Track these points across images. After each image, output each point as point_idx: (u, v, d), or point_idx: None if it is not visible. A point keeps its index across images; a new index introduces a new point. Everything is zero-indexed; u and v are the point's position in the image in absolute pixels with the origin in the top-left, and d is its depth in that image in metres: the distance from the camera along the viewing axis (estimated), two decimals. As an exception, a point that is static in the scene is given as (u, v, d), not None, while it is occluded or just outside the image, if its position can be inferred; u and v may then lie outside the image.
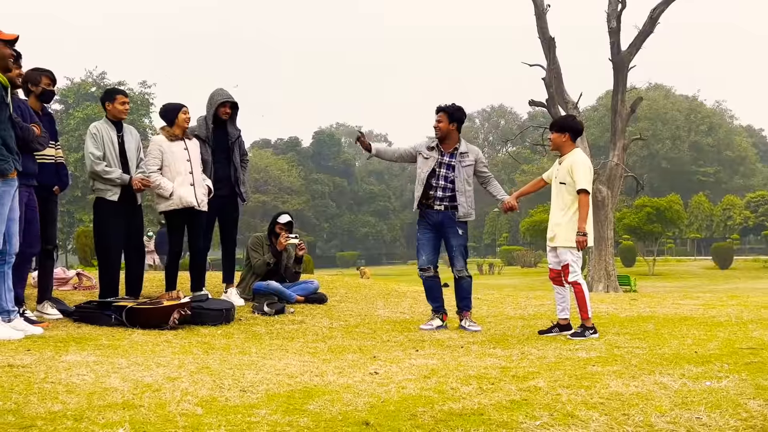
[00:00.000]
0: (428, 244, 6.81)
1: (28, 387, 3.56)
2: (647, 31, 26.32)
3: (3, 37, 5.18)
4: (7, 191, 5.13)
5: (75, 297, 7.69)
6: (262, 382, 3.93)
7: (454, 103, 6.78)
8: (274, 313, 7.28)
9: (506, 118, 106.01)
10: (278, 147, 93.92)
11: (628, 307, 8.66)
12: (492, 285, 29.03)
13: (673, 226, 52.47)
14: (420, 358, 4.96)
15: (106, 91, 7.19)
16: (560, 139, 6.35)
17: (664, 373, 4.13)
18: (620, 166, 27.04)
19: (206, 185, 7.37)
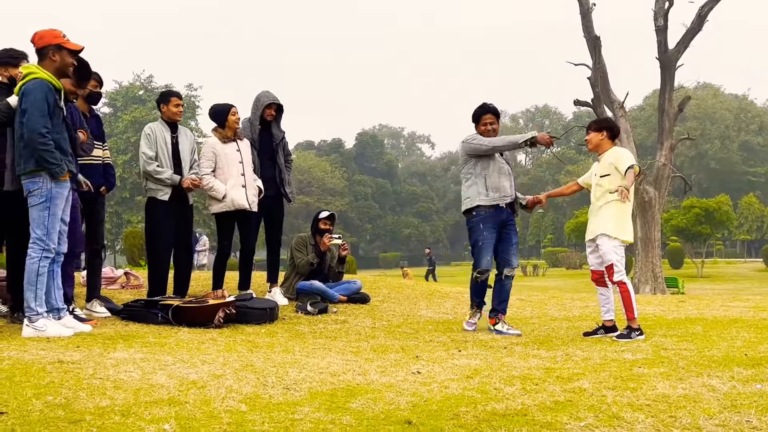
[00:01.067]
0: (492, 244, 6.56)
1: (77, 382, 3.63)
2: (695, 29, 25.82)
3: (71, 47, 5.34)
4: (60, 193, 5.25)
5: (123, 296, 7.83)
6: (305, 380, 3.95)
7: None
8: (317, 312, 7.32)
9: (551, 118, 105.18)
10: (321, 148, 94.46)
11: (676, 308, 8.51)
12: (536, 287, 28.77)
13: (722, 228, 51.38)
14: (463, 359, 4.94)
15: (161, 93, 7.33)
16: (597, 137, 6.30)
17: (712, 375, 4.05)
18: (668, 166, 26.57)
19: (257, 186, 7.45)
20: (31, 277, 5.15)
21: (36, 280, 5.14)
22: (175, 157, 7.00)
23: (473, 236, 6.58)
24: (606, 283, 6.27)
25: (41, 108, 5.08)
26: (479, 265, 6.53)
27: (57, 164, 5.15)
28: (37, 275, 5.14)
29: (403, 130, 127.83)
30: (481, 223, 6.51)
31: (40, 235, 5.14)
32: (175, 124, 7.12)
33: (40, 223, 5.15)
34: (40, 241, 5.14)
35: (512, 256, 6.70)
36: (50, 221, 5.17)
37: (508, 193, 6.56)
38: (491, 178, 6.54)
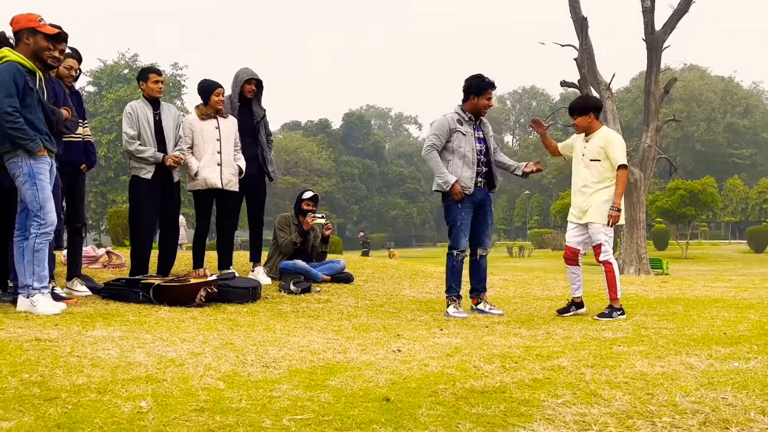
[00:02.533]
0: (469, 224, 6.46)
1: (54, 360, 3.60)
2: (682, 11, 25.82)
3: (46, 31, 5.27)
4: (42, 167, 5.22)
5: (104, 275, 7.78)
6: (284, 358, 3.94)
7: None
8: (300, 291, 7.30)
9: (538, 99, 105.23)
10: (308, 129, 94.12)
11: (658, 288, 8.56)
12: (521, 267, 28.91)
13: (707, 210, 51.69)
14: (444, 337, 4.95)
15: (140, 70, 7.23)
16: (585, 121, 6.21)
17: (691, 353, 4.07)
18: (653, 147, 26.66)
19: (236, 165, 7.37)
20: (28, 254, 5.20)
21: (33, 257, 5.20)
22: (159, 134, 6.93)
23: (450, 216, 6.49)
24: (578, 261, 6.32)
25: (7, 88, 5.05)
26: (458, 246, 6.45)
27: (29, 139, 5.12)
28: (33, 252, 5.19)
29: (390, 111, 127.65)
30: (459, 203, 6.40)
31: (36, 211, 5.16)
32: (157, 100, 7.03)
33: (32, 200, 5.16)
34: (37, 218, 5.17)
35: (486, 238, 6.65)
36: (41, 196, 5.17)
37: (467, 185, 6.36)
38: (451, 165, 6.40)
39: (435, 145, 6.42)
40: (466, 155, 6.38)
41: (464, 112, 6.48)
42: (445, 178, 6.34)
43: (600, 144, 6.12)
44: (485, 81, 6.43)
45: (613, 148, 6.10)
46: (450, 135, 6.40)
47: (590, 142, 6.19)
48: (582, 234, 6.27)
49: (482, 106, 6.43)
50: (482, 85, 6.40)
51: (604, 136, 6.19)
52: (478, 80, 6.44)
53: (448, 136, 6.40)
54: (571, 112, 6.29)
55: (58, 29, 5.40)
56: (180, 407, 2.93)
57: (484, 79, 6.44)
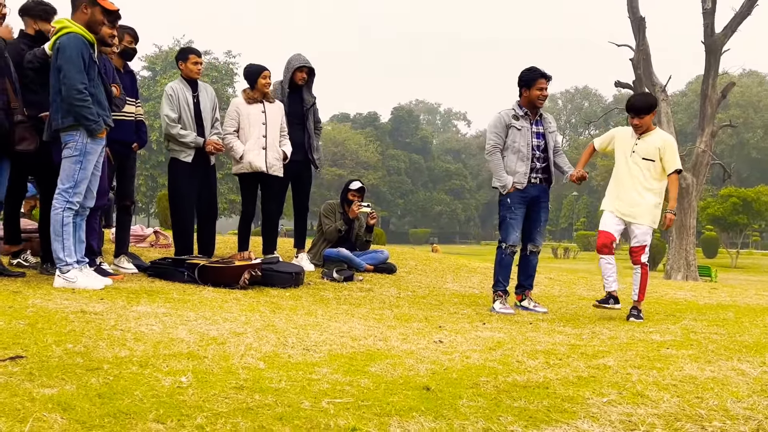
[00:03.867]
0: (520, 221, 6.36)
1: (98, 333, 3.64)
2: (744, 14, 25.17)
3: (105, 5, 5.31)
4: (95, 149, 5.26)
5: (151, 254, 7.87)
6: (325, 342, 3.92)
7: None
8: (343, 279, 7.29)
9: (590, 99, 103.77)
10: (357, 121, 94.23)
11: (708, 294, 8.35)
12: (566, 269, 28.54)
13: (760, 219, 50.41)
14: (486, 331, 4.88)
15: (180, 50, 7.22)
16: (651, 118, 6.02)
17: (743, 359, 3.94)
18: (707, 153, 26.08)
19: (281, 150, 7.36)
20: (56, 228, 5.17)
21: (62, 230, 5.16)
22: (197, 116, 6.96)
23: (501, 211, 6.41)
24: (613, 251, 6.10)
25: (77, 64, 5.06)
26: (507, 240, 6.36)
27: (95, 121, 5.15)
28: (62, 226, 5.16)
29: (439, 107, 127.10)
30: (509, 198, 6.32)
31: (67, 187, 5.16)
32: (195, 81, 7.05)
33: (70, 176, 5.16)
34: (66, 193, 5.15)
35: (537, 235, 6.54)
36: (80, 175, 5.18)
37: (521, 180, 6.28)
38: (507, 161, 6.33)
39: (496, 145, 6.36)
40: (521, 150, 6.29)
41: (520, 107, 6.38)
42: (503, 182, 6.31)
43: (658, 145, 5.94)
44: (535, 72, 6.30)
45: (673, 152, 5.95)
46: (506, 131, 6.33)
47: (644, 140, 6.00)
48: (621, 225, 6.09)
49: (535, 98, 6.30)
50: (532, 76, 6.28)
51: (663, 138, 6.01)
52: (528, 72, 6.34)
53: (505, 133, 6.33)
54: (638, 112, 5.98)
55: (116, 8, 5.44)
56: (219, 384, 2.92)
57: (534, 71, 6.32)
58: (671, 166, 5.95)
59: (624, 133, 6.18)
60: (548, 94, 6.44)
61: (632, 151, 6.02)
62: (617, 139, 6.21)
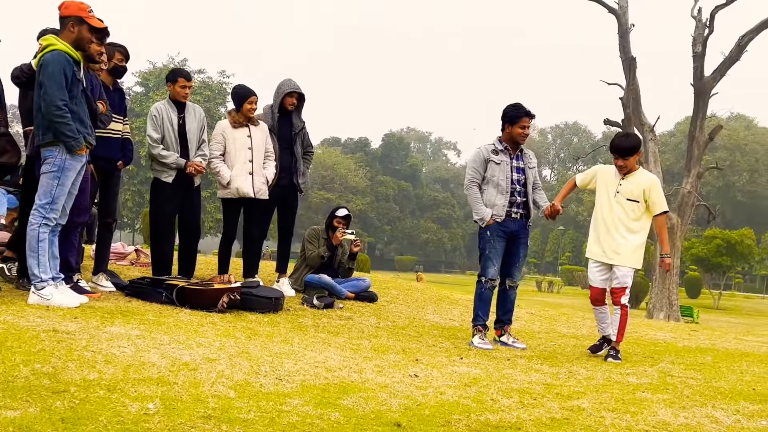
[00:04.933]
0: (500, 254, 6.38)
1: (68, 353, 3.58)
2: (733, 59, 25.52)
3: (93, 23, 5.29)
4: (74, 165, 5.22)
5: (131, 272, 7.80)
6: (299, 372, 3.88)
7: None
8: (323, 306, 7.24)
9: (579, 135, 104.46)
10: (347, 146, 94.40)
11: (687, 336, 8.35)
12: (549, 303, 28.53)
13: (743, 261, 50.73)
14: (463, 366, 4.85)
15: (171, 71, 7.19)
16: (635, 160, 6.02)
17: (717, 407, 3.92)
18: (693, 194, 26.28)
19: (266, 175, 7.33)
20: (32, 244, 5.12)
21: (37, 246, 5.11)
22: (182, 137, 6.94)
23: (481, 244, 6.44)
24: (605, 301, 6.16)
25: (59, 80, 5.05)
26: (486, 274, 6.37)
27: (74, 137, 5.12)
28: (38, 242, 5.11)
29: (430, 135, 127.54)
30: (488, 231, 6.34)
31: (44, 203, 5.11)
32: (182, 103, 7.03)
33: (47, 192, 5.12)
34: (42, 209, 5.11)
35: (516, 270, 6.54)
36: (57, 191, 5.14)
37: (499, 213, 6.31)
38: (486, 194, 6.38)
39: (474, 180, 6.42)
40: (500, 184, 6.33)
41: (500, 142, 6.45)
42: (481, 214, 6.35)
43: (644, 186, 5.93)
44: (520, 110, 6.35)
45: (659, 193, 5.95)
46: (485, 165, 6.39)
47: (628, 180, 5.99)
48: (606, 273, 6.10)
49: (517, 135, 6.35)
50: (516, 114, 6.33)
51: (648, 178, 6.02)
52: (512, 109, 6.38)
53: (483, 168, 6.40)
54: (623, 153, 5.96)
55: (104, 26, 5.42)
56: (187, 412, 2.88)
57: (518, 108, 6.36)
58: (658, 207, 5.96)
59: (607, 171, 6.18)
60: (530, 132, 6.48)
61: (616, 191, 6.01)
62: (599, 178, 6.20)
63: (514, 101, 6.47)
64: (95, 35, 5.39)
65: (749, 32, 25.34)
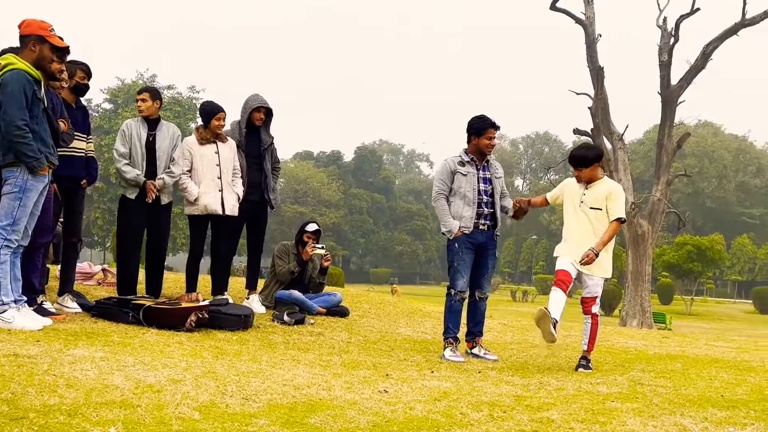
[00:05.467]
0: (469, 266, 6.35)
1: (28, 378, 3.51)
2: (699, 67, 25.91)
3: (54, 42, 5.24)
4: (35, 186, 5.15)
5: (98, 292, 7.70)
6: (266, 391, 3.83)
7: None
8: (293, 323, 7.19)
9: (550, 145, 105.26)
10: (320, 159, 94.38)
11: (658, 344, 8.40)
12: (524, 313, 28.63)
13: (713, 267, 51.41)
14: (434, 380, 4.82)
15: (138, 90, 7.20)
16: (592, 172, 6.04)
17: (686, 414, 3.93)
18: (663, 201, 26.56)
19: (236, 192, 7.28)
20: None
21: None
22: (150, 153, 6.89)
23: (450, 256, 6.42)
24: (566, 289, 5.89)
25: (19, 100, 4.98)
26: (455, 286, 6.36)
27: (35, 158, 5.05)
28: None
29: (402, 147, 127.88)
30: (456, 243, 6.33)
31: (5, 224, 5.03)
32: (154, 120, 6.99)
33: (9, 213, 5.04)
34: (4, 230, 5.02)
35: (485, 282, 6.54)
36: (19, 212, 5.06)
37: (467, 224, 6.31)
38: (453, 206, 6.39)
39: (441, 192, 6.44)
40: (467, 195, 6.34)
41: (466, 153, 6.46)
42: (449, 227, 6.34)
43: (605, 193, 5.99)
44: (485, 121, 6.38)
45: (617, 201, 5.97)
46: (452, 177, 6.41)
47: (592, 190, 6.03)
48: (576, 271, 6.05)
49: (483, 146, 6.37)
50: (482, 125, 6.36)
51: (609, 187, 6.06)
52: (478, 121, 6.41)
53: (450, 179, 6.41)
54: (578, 164, 6.03)
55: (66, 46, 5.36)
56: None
57: (484, 120, 6.39)
58: (613, 214, 5.96)
59: (573, 183, 6.21)
60: (497, 143, 6.49)
61: (581, 201, 6.05)
62: (566, 190, 6.24)
63: (480, 113, 6.50)
64: (56, 54, 5.33)
65: (714, 40, 25.76)
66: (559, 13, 26.79)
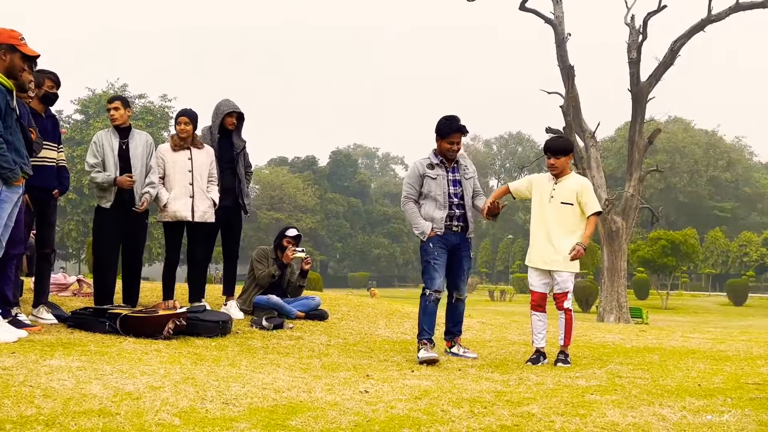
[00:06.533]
0: (443, 265, 6.24)
1: (4, 389, 3.47)
2: (667, 63, 26.27)
3: (25, 51, 5.20)
4: (9, 197, 5.11)
5: (73, 303, 7.61)
6: (246, 395, 3.82)
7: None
8: (272, 327, 7.16)
9: (524, 145, 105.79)
10: (295, 165, 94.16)
11: (635, 337, 8.47)
12: (502, 312, 28.76)
13: (688, 261, 51.95)
14: (414, 379, 4.83)
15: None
16: (567, 161, 6.12)
17: (664, 404, 3.98)
18: (636, 197, 26.86)
19: (210, 198, 7.24)
20: None
21: None
22: (124, 161, 6.87)
23: (423, 256, 6.31)
24: (545, 308, 6.13)
25: None
26: (431, 286, 6.21)
27: (10, 169, 5.00)
28: None
29: (377, 151, 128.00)
30: (430, 243, 6.22)
31: None
32: (126, 129, 6.98)
33: None
34: None
35: (462, 283, 6.47)
36: None
37: (439, 226, 6.21)
38: (424, 208, 6.29)
39: (409, 195, 6.34)
40: (437, 199, 6.23)
41: (436, 155, 6.33)
42: (421, 228, 6.25)
43: (575, 188, 6.00)
44: (451, 125, 6.22)
45: (590, 194, 6.02)
46: (421, 181, 6.28)
47: (561, 184, 6.04)
48: (546, 278, 6.12)
49: (445, 150, 6.25)
50: (448, 128, 6.22)
51: (578, 181, 6.10)
52: (444, 122, 6.26)
53: (419, 183, 6.29)
54: (555, 152, 6.03)
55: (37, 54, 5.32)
56: (129, 443, 2.80)
57: (450, 123, 6.24)
58: (590, 208, 6.01)
59: (541, 179, 6.22)
60: (461, 147, 6.35)
61: (551, 196, 6.05)
62: (535, 186, 6.23)
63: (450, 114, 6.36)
64: (27, 63, 5.28)
65: (681, 37, 26.13)
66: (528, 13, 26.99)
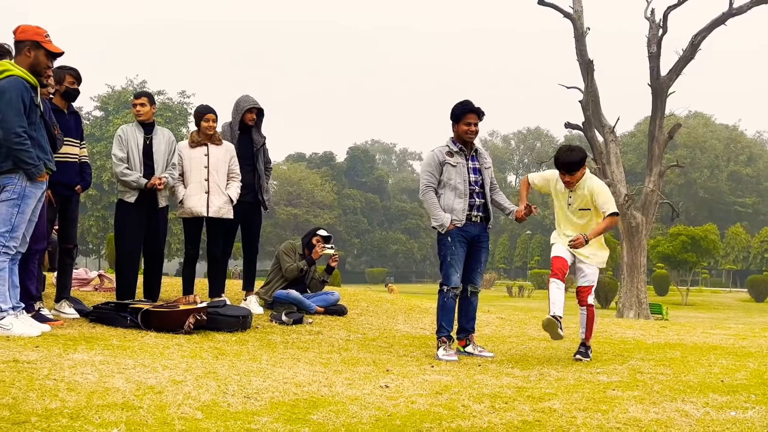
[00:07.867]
0: (461, 260, 6.12)
1: (29, 383, 3.50)
2: (688, 57, 25.99)
3: (50, 48, 5.25)
4: (34, 192, 5.15)
5: (95, 298, 7.68)
6: (267, 389, 3.83)
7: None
8: (291, 322, 7.18)
9: (542, 140, 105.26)
10: (313, 161, 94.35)
11: (656, 334, 8.41)
12: (520, 307, 28.68)
13: (708, 256, 51.56)
14: (434, 374, 4.83)
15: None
16: (582, 171, 5.94)
17: (687, 400, 3.95)
18: (656, 192, 26.63)
19: (227, 194, 7.25)
20: None
21: None
22: (148, 157, 6.91)
23: (442, 251, 6.19)
24: (564, 278, 5.95)
25: (17, 107, 4.98)
26: (449, 283, 6.12)
27: (34, 165, 5.05)
28: None
29: (395, 146, 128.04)
30: (449, 237, 6.10)
31: (3, 231, 5.02)
32: (150, 125, 7.03)
33: (7, 220, 5.03)
34: (2, 237, 5.02)
35: (477, 276, 6.34)
36: (17, 219, 5.05)
37: (459, 218, 6.08)
38: (443, 198, 6.14)
39: (429, 184, 6.16)
40: (457, 187, 6.10)
41: (454, 143, 6.20)
42: (440, 220, 6.08)
43: (587, 194, 5.91)
44: (466, 106, 6.11)
45: (602, 197, 5.88)
46: (440, 169, 6.14)
47: (575, 192, 5.95)
48: (572, 258, 6.05)
49: (462, 132, 6.11)
50: (461, 110, 6.10)
51: (589, 186, 5.93)
52: (459, 106, 6.15)
53: (439, 171, 6.14)
54: (569, 169, 5.86)
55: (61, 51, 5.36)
56: (152, 436, 2.82)
57: (465, 105, 6.13)
58: (606, 210, 5.86)
59: (558, 183, 6.10)
60: (478, 129, 6.20)
61: (568, 203, 6.01)
62: (552, 187, 6.17)
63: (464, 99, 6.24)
64: (51, 60, 5.33)
65: (702, 31, 25.84)
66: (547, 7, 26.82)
